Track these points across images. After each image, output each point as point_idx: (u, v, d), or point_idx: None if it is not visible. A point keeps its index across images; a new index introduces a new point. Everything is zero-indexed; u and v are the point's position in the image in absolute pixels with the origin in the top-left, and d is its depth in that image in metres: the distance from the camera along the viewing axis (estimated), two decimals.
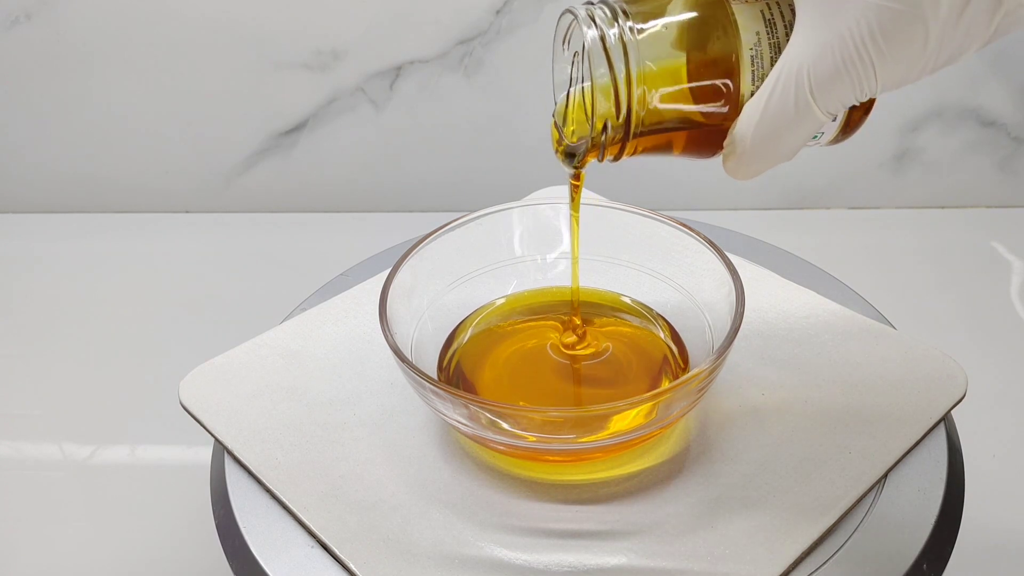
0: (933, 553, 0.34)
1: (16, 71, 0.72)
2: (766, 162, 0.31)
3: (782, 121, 0.29)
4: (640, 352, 0.41)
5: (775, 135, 0.30)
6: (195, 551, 0.49)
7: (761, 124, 0.29)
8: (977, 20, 0.25)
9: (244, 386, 0.41)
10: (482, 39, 0.69)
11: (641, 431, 0.35)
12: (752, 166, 0.31)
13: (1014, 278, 0.68)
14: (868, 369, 0.40)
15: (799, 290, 0.45)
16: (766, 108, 0.29)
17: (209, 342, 0.46)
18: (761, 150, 0.30)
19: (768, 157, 0.30)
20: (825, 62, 0.27)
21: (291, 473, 0.37)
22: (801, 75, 0.28)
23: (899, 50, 0.26)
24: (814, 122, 0.29)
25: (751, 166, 0.31)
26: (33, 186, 0.78)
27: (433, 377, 0.35)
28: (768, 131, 0.29)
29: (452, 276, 0.43)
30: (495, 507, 0.35)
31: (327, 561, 0.34)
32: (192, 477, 0.52)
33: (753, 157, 0.30)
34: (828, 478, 0.36)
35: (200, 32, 0.70)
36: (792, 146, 0.30)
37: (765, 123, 0.29)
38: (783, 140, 0.30)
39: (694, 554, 0.33)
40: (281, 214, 0.78)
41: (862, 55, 0.27)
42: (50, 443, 0.56)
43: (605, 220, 0.43)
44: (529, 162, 0.74)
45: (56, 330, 0.66)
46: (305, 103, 0.73)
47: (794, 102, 0.28)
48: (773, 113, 0.29)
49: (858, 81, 0.27)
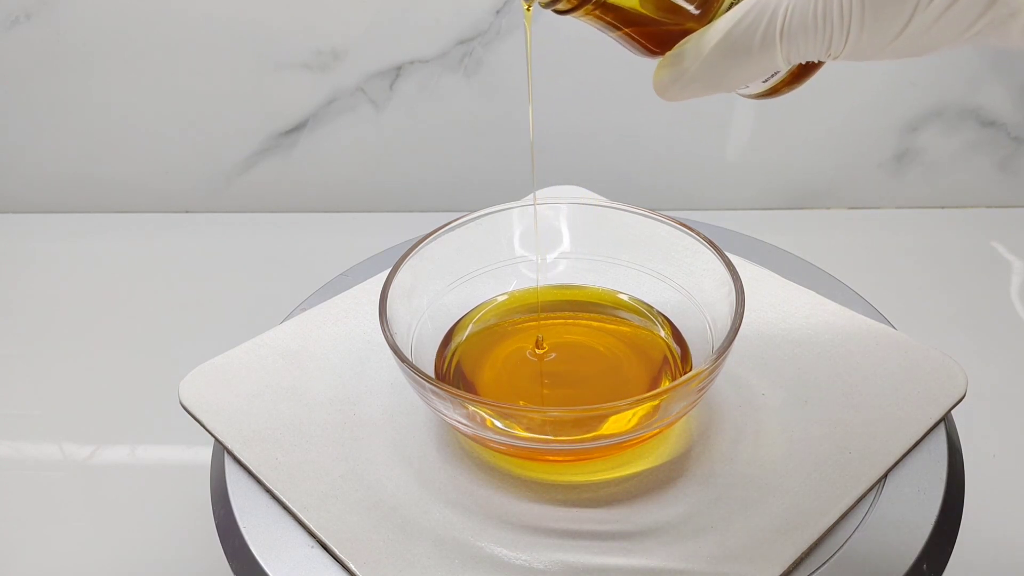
0: (933, 553, 0.34)
1: (16, 71, 0.72)
2: (702, 86, 0.30)
3: (740, 50, 0.28)
4: (640, 352, 0.41)
5: (727, 62, 0.29)
6: (195, 551, 0.49)
7: (720, 45, 0.29)
8: (965, 12, 0.25)
9: (244, 386, 0.41)
10: (482, 39, 0.69)
11: (641, 431, 0.35)
12: (688, 85, 0.30)
13: (1014, 278, 0.68)
14: (868, 369, 0.40)
15: (799, 290, 0.45)
16: (731, 31, 0.28)
17: (209, 342, 0.46)
18: (706, 71, 0.29)
19: (708, 81, 0.30)
20: (806, 8, 0.27)
21: (291, 473, 0.37)
22: (777, 12, 0.27)
23: (882, 17, 0.26)
24: (769, 63, 0.28)
25: (687, 85, 0.30)
26: (33, 186, 0.78)
27: (433, 377, 0.35)
28: (722, 55, 0.29)
29: (452, 276, 0.43)
30: (495, 507, 0.35)
31: (327, 561, 0.34)
32: (192, 477, 0.52)
33: (695, 76, 0.30)
34: (828, 478, 0.36)
35: (200, 32, 0.70)
36: (735, 80, 0.29)
37: (723, 45, 0.29)
38: (731, 70, 0.29)
39: (694, 554, 0.33)
40: (281, 214, 0.78)
41: (843, 13, 0.26)
42: (50, 443, 0.56)
43: (605, 220, 0.43)
44: (529, 162, 0.74)
45: (56, 330, 0.66)
46: (305, 103, 0.73)
47: (761, 36, 0.28)
48: (735, 39, 0.28)
49: (829, 38, 0.27)
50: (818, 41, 0.27)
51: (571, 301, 0.44)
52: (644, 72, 0.64)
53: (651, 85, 0.31)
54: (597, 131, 0.73)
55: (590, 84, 0.70)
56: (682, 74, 0.30)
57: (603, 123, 0.72)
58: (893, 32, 0.26)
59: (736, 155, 0.73)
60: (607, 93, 0.71)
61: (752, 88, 0.32)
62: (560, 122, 0.73)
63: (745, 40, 0.28)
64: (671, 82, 0.30)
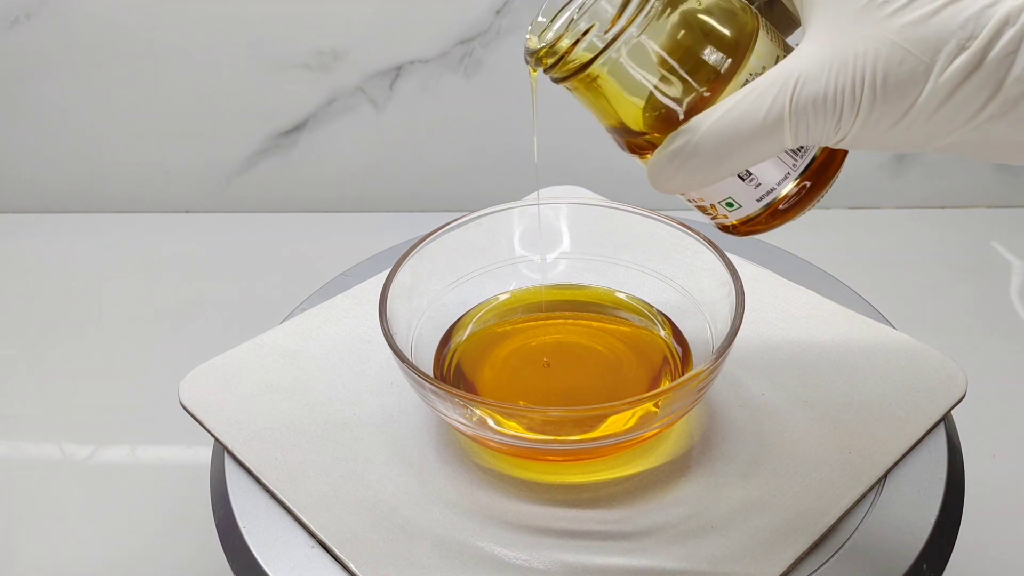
0: (933, 553, 0.34)
1: (16, 71, 0.72)
2: (702, 163, 0.28)
3: (748, 120, 0.27)
4: (640, 352, 0.41)
5: (733, 134, 0.27)
6: (195, 551, 0.49)
7: (727, 115, 0.27)
8: (969, 100, 0.24)
9: (244, 386, 0.41)
10: (482, 39, 0.69)
11: (641, 431, 0.35)
12: (687, 161, 0.28)
13: (1014, 278, 0.68)
14: (868, 369, 0.40)
15: (799, 290, 0.45)
16: (740, 102, 0.27)
17: (209, 342, 0.46)
18: (709, 145, 0.27)
19: (709, 158, 0.27)
20: (819, 79, 0.26)
21: (291, 473, 0.37)
22: (789, 82, 0.26)
23: (893, 98, 0.25)
24: (778, 139, 0.27)
25: (686, 161, 0.28)
26: (33, 186, 0.78)
27: (433, 377, 0.35)
28: (729, 124, 0.27)
29: (452, 276, 0.43)
30: (495, 507, 0.35)
31: (327, 561, 0.34)
32: (192, 477, 0.52)
33: (696, 149, 0.27)
34: (828, 478, 0.36)
35: (200, 32, 0.70)
36: (739, 158, 0.27)
37: (731, 115, 0.27)
38: (737, 144, 0.27)
39: (694, 554, 0.33)
40: (281, 214, 0.78)
41: (855, 88, 0.25)
42: (50, 443, 0.56)
43: (605, 220, 0.43)
44: (529, 162, 0.74)
45: (56, 330, 0.66)
46: (305, 103, 0.73)
47: (768, 106, 0.26)
48: (744, 108, 0.27)
49: (840, 112, 0.26)
50: (828, 116, 0.26)
51: (571, 301, 0.44)
52: None
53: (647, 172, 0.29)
54: (597, 131, 0.73)
55: None
56: (681, 149, 0.28)
57: None
58: (903, 107, 0.25)
59: None
60: None
61: (745, 207, 0.31)
62: (560, 122, 0.73)
63: (754, 111, 0.27)
64: (668, 160, 0.28)
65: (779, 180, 0.30)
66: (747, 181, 0.30)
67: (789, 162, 0.30)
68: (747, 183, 0.30)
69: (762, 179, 0.30)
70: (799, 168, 0.30)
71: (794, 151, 0.30)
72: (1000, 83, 0.24)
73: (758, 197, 0.30)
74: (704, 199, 0.31)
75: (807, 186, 0.30)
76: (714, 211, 0.32)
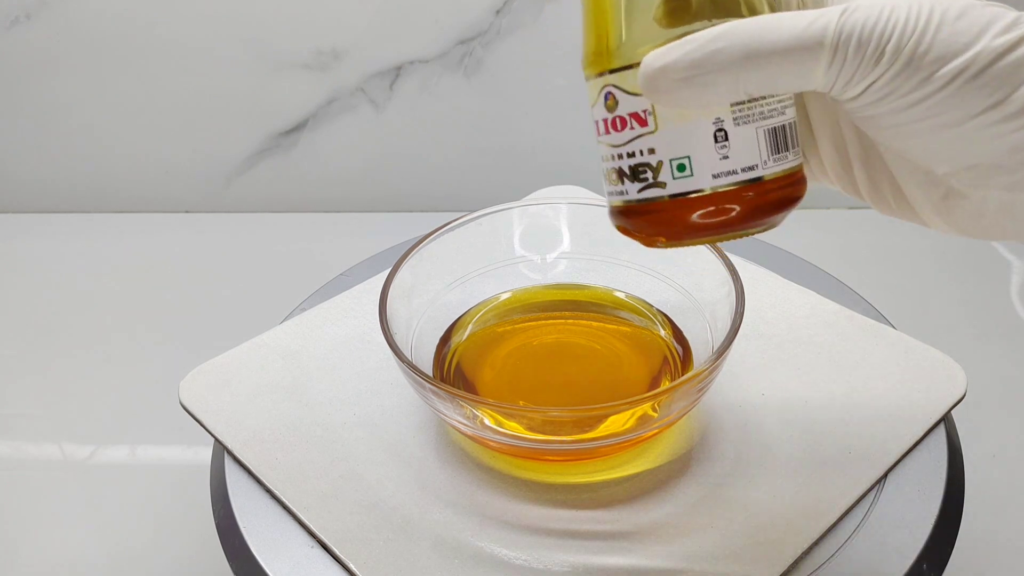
0: (933, 553, 0.34)
1: (16, 71, 0.72)
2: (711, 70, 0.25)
3: (784, 30, 0.24)
4: (641, 352, 0.41)
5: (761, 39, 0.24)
6: (195, 551, 0.49)
7: (760, 20, 0.25)
8: (1011, 73, 0.24)
9: (244, 386, 0.41)
10: (482, 39, 0.69)
11: (641, 431, 0.35)
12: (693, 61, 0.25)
13: (1014, 278, 0.68)
14: (868, 369, 0.40)
15: (799, 290, 0.45)
16: (780, 15, 0.25)
17: (209, 342, 0.46)
18: (732, 43, 0.24)
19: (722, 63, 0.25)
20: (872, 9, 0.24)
21: (291, 473, 0.37)
22: (839, 8, 0.24)
23: (940, 48, 0.24)
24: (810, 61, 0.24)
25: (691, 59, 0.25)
26: (33, 186, 0.78)
27: (433, 377, 0.35)
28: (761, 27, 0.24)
29: (452, 276, 0.43)
30: (495, 507, 0.35)
31: (327, 561, 0.34)
32: (192, 477, 0.52)
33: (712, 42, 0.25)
34: (828, 478, 0.36)
35: (200, 32, 0.70)
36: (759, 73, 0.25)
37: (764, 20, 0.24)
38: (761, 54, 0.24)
39: (694, 554, 0.33)
40: (281, 214, 0.78)
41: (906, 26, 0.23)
42: (50, 443, 0.56)
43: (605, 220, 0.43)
44: (529, 162, 0.74)
45: (56, 330, 0.66)
46: (305, 103, 0.73)
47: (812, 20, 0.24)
48: (783, 18, 0.24)
49: (880, 53, 0.24)
50: (870, 51, 0.24)
51: (571, 301, 0.44)
52: None
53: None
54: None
55: None
56: (702, 36, 0.25)
57: None
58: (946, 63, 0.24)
59: None
60: None
61: (695, 178, 0.27)
62: (560, 122, 0.73)
63: (796, 21, 0.24)
64: (681, 46, 0.25)
65: (747, 164, 0.27)
66: (719, 144, 0.27)
67: (767, 152, 0.27)
68: (718, 146, 0.27)
69: (734, 150, 0.27)
70: (772, 167, 0.27)
71: (783, 143, 0.27)
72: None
73: (715, 172, 0.27)
74: (660, 147, 0.27)
75: (735, 211, 0.27)
76: (649, 173, 0.28)
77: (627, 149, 0.28)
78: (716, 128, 0.27)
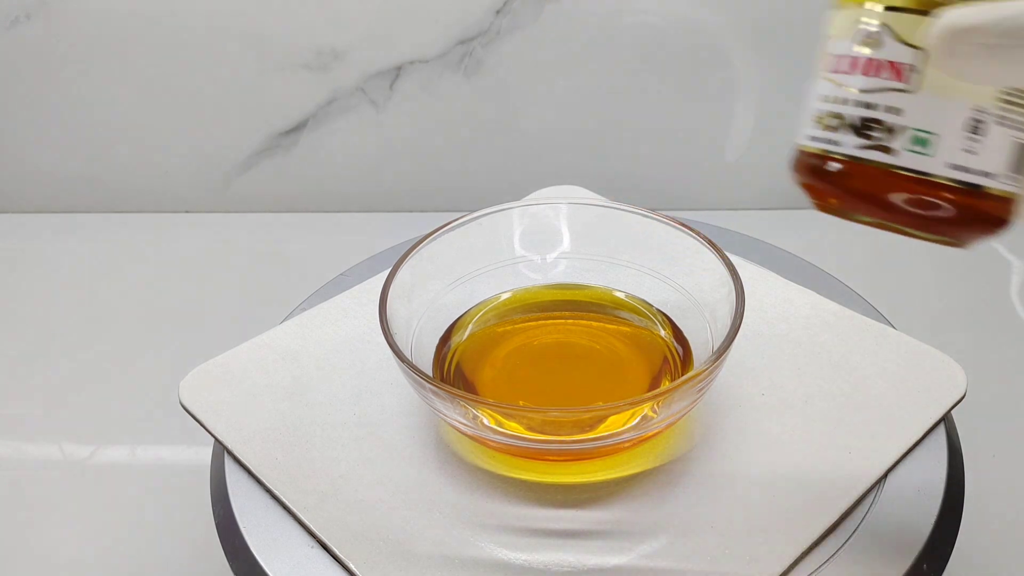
0: (933, 553, 0.34)
1: (16, 71, 0.72)
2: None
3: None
4: (641, 352, 0.41)
5: None
6: (195, 551, 0.49)
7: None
8: None
9: (244, 386, 0.41)
10: (482, 39, 0.69)
11: (641, 431, 0.35)
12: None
13: (1014, 278, 0.68)
14: (868, 369, 0.40)
15: (799, 290, 0.45)
16: None
17: (209, 342, 0.46)
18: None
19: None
20: None
21: (291, 473, 0.37)
22: None
23: None
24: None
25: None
26: (33, 186, 0.78)
27: (432, 377, 0.35)
28: None
29: (452, 276, 0.43)
30: (495, 507, 0.35)
31: (327, 561, 0.34)
32: (192, 477, 0.52)
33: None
34: (828, 478, 0.36)
35: (200, 32, 0.70)
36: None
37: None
38: None
39: (694, 554, 0.33)
40: (281, 214, 0.78)
41: None
42: (50, 443, 0.56)
43: (605, 220, 0.43)
44: (529, 162, 0.74)
45: (56, 330, 0.66)
46: (305, 103, 0.73)
47: None
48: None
49: None
50: None
51: (571, 301, 0.44)
52: (644, 72, 0.64)
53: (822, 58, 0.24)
54: (597, 131, 0.73)
55: (590, 84, 0.70)
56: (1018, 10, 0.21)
57: (603, 123, 0.72)
58: None
59: (736, 155, 0.73)
60: (607, 93, 0.71)
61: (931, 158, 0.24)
62: (560, 122, 0.73)
63: None
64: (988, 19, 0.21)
65: (985, 169, 0.24)
66: (971, 135, 0.24)
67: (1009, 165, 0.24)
68: (969, 137, 0.24)
69: (981, 147, 0.24)
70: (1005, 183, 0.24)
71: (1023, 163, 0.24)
72: None
73: (953, 163, 0.24)
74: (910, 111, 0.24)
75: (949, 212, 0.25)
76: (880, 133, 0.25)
77: (867, 99, 0.25)
78: (976, 118, 0.24)
